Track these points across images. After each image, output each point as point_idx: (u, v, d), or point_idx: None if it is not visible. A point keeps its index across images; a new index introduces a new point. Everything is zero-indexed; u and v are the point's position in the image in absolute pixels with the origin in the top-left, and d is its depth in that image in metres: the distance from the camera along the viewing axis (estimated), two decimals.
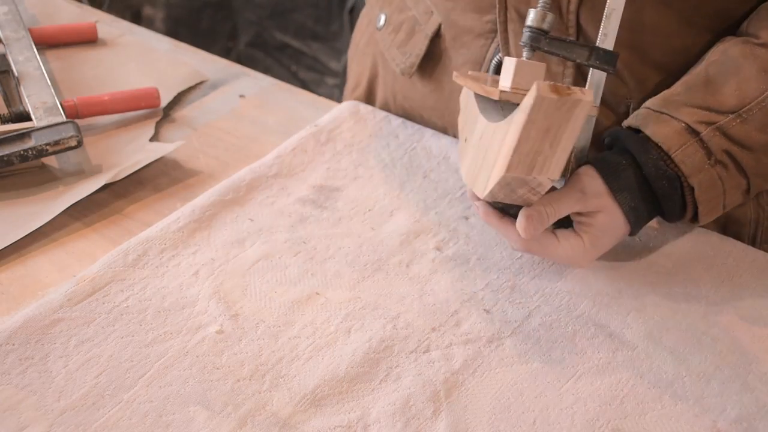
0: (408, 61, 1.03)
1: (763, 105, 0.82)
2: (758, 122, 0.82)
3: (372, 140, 1.04)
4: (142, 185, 0.99)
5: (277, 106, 1.12)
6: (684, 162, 0.81)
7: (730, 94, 0.82)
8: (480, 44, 0.97)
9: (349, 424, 0.74)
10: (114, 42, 1.22)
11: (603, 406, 0.75)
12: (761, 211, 0.94)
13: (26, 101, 1.04)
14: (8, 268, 0.88)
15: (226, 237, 0.91)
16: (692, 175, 0.81)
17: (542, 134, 0.71)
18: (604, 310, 0.84)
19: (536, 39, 0.79)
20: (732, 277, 0.87)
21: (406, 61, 1.04)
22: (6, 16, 1.18)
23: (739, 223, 0.94)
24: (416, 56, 1.02)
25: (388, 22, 1.07)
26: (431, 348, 0.80)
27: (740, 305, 0.84)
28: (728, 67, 0.83)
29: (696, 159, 0.81)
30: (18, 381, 0.76)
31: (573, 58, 0.80)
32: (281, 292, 0.85)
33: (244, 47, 2.41)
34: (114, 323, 0.81)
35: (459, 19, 0.98)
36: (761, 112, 0.82)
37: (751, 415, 0.75)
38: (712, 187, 0.82)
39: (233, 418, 0.74)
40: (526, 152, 0.72)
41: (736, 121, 0.81)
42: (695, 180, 0.81)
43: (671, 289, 0.86)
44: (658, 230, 0.91)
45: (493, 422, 0.74)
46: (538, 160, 0.73)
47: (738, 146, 0.82)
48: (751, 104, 0.82)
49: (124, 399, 0.75)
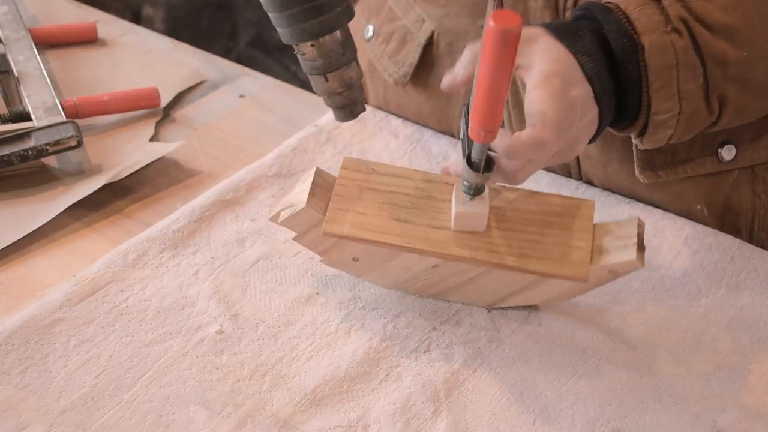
0: (401, 70, 1.03)
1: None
2: (722, 3, 0.80)
3: (372, 140, 1.04)
4: (142, 185, 0.99)
5: (277, 106, 1.12)
6: (639, 20, 0.79)
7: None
8: None
9: (349, 424, 0.74)
10: (114, 42, 1.22)
11: (603, 406, 0.75)
12: (758, 200, 0.94)
13: (26, 101, 1.04)
14: (8, 268, 0.88)
15: (226, 237, 0.91)
16: (645, 33, 0.79)
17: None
18: (604, 310, 0.84)
19: None
20: (732, 276, 0.87)
21: (399, 71, 1.03)
22: (6, 16, 1.18)
23: (736, 212, 0.94)
24: (409, 65, 1.02)
25: (377, 33, 1.06)
26: (431, 348, 0.80)
27: (740, 305, 0.84)
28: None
29: (652, 20, 0.79)
30: (18, 381, 0.76)
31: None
32: (281, 292, 0.85)
33: (244, 47, 2.41)
34: (114, 323, 0.81)
35: (453, 24, 0.97)
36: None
37: (751, 415, 0.75)
38: (664, 52, 0.79)
39: (233, 418, 0.74)
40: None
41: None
42: (647, 39, 0.78)
43: (671, 289, 0.86)
44: (657, 229, 0.91)
45: (493, 422, 0.74)
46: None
47: (698, 22, 0.80)
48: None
49: (123, 399, 0.75)
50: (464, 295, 0.82)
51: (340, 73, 0.75)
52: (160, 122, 1.09)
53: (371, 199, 0.79)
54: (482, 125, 0.70)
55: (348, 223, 0.77)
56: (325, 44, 0.73)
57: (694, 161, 0.91)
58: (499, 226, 0.77)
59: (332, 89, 0.76)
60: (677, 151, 0.91)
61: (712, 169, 0.92)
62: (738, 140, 0.91)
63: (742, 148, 0.91)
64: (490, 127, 0.70)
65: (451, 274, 0.79)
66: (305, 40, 0.73)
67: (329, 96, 0.77)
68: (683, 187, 0.93)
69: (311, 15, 0.71)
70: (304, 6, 0.71)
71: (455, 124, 1.02)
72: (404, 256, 0.78)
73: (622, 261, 0.74)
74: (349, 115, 0.78)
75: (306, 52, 0.74)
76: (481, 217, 0.76)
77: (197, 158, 1.03)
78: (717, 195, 0.93)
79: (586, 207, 0.79)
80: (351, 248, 0.79)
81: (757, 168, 0.93)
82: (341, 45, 0.74)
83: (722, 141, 0.91)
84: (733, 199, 0.93)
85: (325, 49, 0.73)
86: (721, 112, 0.83)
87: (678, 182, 0.92)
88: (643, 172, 0.91)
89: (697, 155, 0.91)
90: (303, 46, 0.74)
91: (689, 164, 0.92)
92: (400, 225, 0.77)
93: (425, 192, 0.79)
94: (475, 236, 0.77)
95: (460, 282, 0.80)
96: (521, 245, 0.76)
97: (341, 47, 0.74)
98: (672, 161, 0.91)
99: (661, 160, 0.91)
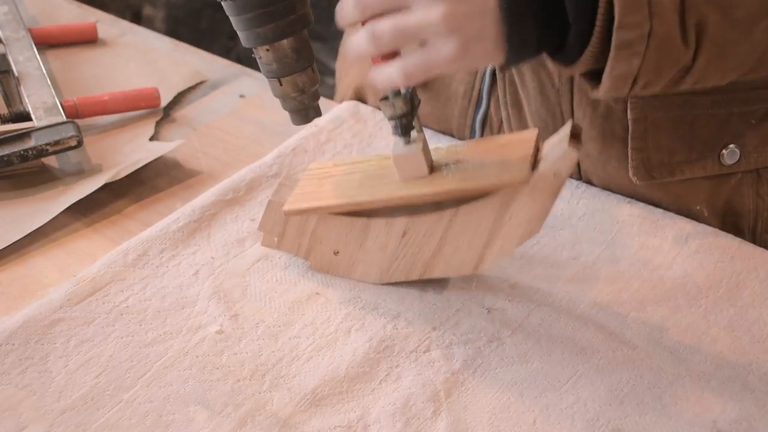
0: None
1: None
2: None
3: (372, 140, 1.04)
4: (142, 185, 0.99)
5: (277, 106, 1.11)
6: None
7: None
8: None
9: (349, 424, 0.74)
10: (114, 42, 1.22)
11: (603, 406, 0.75)
12: (761, 202, 0.93)
13: (26, 101, 1.04)
14: (8, 268, 0.88)
15: (226, 237, 0.91)
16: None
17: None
18: (604, 310, 0.84)
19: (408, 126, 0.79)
20: (732, 276, 0.87)
21: None
22: (6, 16, 1.18)
23: (738, 214, 0.93)
24: None
25: None
26: (431, 348, 0.80)
27: (740, 305, 0.84)
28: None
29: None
30: (18, 381, 0.76)
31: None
32: (281, 292, 0.85)
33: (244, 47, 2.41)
34: (114, 323, 0.81)
35: None
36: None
37: (751, 415, 0.75)
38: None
39: (233, 418, 0.74)
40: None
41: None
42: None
43: (671, 289, 0.85)
44: (657, 228, 0.91)
45: (493, 422, 0.74)
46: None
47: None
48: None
49: (124, 399, 0.75)
50: (447, 265, 0.82)
51: (293, 78, 0.79)
52: (160, 122, 1.09)
53: (329, 184, 0.84)
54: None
55: (305, 202, 0.83)
56: (279, 49, 0.77)
57: (694, 163, 0.91)
58: (446, 168, 0.80)
59: (286, 93, 0.80)
60: (676, 151, 0.90)
61: (713, 172, 0.91)
62: (744, 143, 0.90)
63: (747, 152, 0.90)
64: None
65: (421, 238, 0.80)
66: (260, 44, 0.77)
67: (284, 99, 0.81)
68: (682, 187, 0.92)
69: (266, 20, 0.76)
70: (259, 11, 0.75)
71: (454, 123, 1.02)
72: (374, 231, 0.81)
73: (558, 155, 0.74)
74: (304, 119, 0.82)
75: (262, 56, 0.79)
76: (417, 157, 0.79)
77: (197, 158, 1.03)
78: (718, 197, 0.93)
79: (528, 133, 0.80)
80: (324, 236, 0.83)
81: (763, 170, 0.92)
82: (295, 51, 0.78)
83: (725, 143, 0.90)
84: (735, 200, 0.93)
85: (279, 54, 0.78)
86: (699, 47, 0.73)
87: (677, 183, 0.92)
88: (637, 172, 0.90)
89: (697, 157, 0.91)
90: (259, 50, 0.78)
91: (687, 166, 0.91)
92: (353, 190, 0.82)
93: (381, 170, 0.83)
94: (421, 180, 0.79)
95: (433, 248, 0.81)
96: (464, 175, 0.79)
97: (295, 53, 0.78)
98: (669, 162, 0.90)
99: (657, 159, 0.90)
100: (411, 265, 0.83)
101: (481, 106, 0.99)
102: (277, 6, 0.75)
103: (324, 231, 0.83)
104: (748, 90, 0.89)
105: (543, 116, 0.94)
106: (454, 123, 1.02)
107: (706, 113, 0.89)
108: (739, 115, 0.90)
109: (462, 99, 1.00)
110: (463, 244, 0.80)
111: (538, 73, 0.92)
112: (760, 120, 0.90)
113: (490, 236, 0.79)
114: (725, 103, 0.89)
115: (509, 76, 0.94)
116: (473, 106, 1.00)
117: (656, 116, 0.89)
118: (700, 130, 0.90)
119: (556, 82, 0.91)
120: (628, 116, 0.89)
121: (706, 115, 0.89)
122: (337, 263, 0.84)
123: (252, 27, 0.76)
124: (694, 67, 0.74)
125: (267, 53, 0.78)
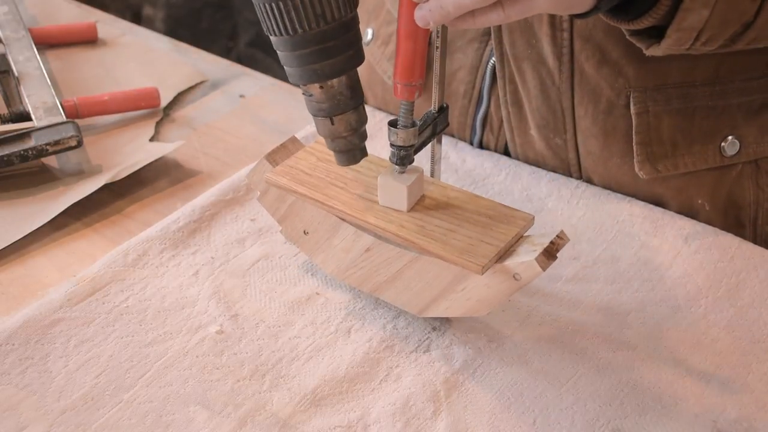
0: None
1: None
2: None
3: (371, 140, 1.03)
4: (142, 185, 0.99)
5: (277, 106, 1.12)
6: None
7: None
8: (475, 48, 0.97)
9: (349, 424, 0.74)
10: (114, 42, 1.22)
11: (603, 406, 0.75)
12: (761, 193, 0.93)
13: (26, 101, 1.04)
14: (8, 268, 0.88)
15: (226, 237, 0.91)
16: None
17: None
18: (604, 310, 0.84)
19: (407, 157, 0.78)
20: (732, 276, 0.87)
21: None
22: (6, 16, 1.18)
23: (739, 206, 0.94)
24: None
25: (376, 35, 1.06)
26: (431, 348, 0.80)
27: (740, 305, 0.84)
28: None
29: None
30: (18, 381, 0.76)
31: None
32: (281, 292, 0.85)
33: (244, 47, 2.41)
34: (114, 323, 0.82)
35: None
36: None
37: (751, 415, 0.75)
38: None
39: (233, 418, 0.74)
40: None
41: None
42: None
43: (671, 289, 0.86)
44: (657, 228, 0.91)
45: (493, 422, 0.74)
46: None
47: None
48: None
49: (124, 399, 0.75)
50: (396, 295, 0.81)
51: (346, 117, 0.74)
52: (160, 122, 1.09)
53: (322, 168, 0.83)
54: (399, 77, 0.73)
55: (288, 177, 0.82)
56: (333, 87, 0.73)
57: (696, 155, 0.91)
58: (425, 213, 0.78)
59: (337, 132, 0.75)
60: (678, 144, 0.90)
61: (714, 164, 0.92)
62: (743, 134, 0.91)
63: (747, 143, 0.91)
64: (407, 80, 0.72)
65: (381, 262, 0.80)
66: (314, 81, 0.72)
67: (333, 139, 0.76)
68: (684, 181, 0.93)
69: (322, 57, 0.70)
70: (315, 48, 0.70)
71: (455, 123, 1.02)
72: (342, 232, 0.81)
73: (523, 262, 0.72)
74: (351, 160, 0.77)
75: (314, 94, 0.73)
76: (400, 191, 0.77)
77: (197, 158, 1.04)
78: (719, 190, 0.93)
79: (520, 218, 0.77)
80: (299, 213, 0.83)
81: (761, 161, 0.93)
82: (349, 89, 0.73)
83: (725, 135, 0.91)
84: (736, 193, 0.93)
85: (333, 92, 0.73)
86: (764, 1, 0.74)
87: (679, 177, 0.92)
88: (643, 166, 0.91)
89: (698, 149, 0.91)
90: (311, 88, 0.73)
91: (690, 158, 0.91)
92: (334, 189, 0.81)
93: (374, 171, 0.82)
94: (396, 213, 0.78)
95: (390, 275, 0.80)
96: (434, 230, 0.77)
97: (350, 91, 0.73)
98: (672, 155, 0.91)
99: (661, 152, 0.90)
100: (365, 279, 0.82)
101: (482, 105, 0.99)
102: (336, 42, 0.70)
103: (300, 209, 0.83)
104: (746, 81, 0.90)
105: (544, 114, 0.94)
106: (455, 122, 1.02)
107: (706, 105, 0.90)
108: (738, 106, 0.91)
109: (462, 98, 1.00)
110: (414, 287, 0.79)
111: (538, 71, 0.92)
112: (757, 111, 0.91)
113: (440, 294, 0.78)
114: (723, 94, 0.90)
115: (509, 74, 0.94)
116: (474, 105, 1.00)
117: (657, 109, 0.89)
118: (700, 122, 0.90)
119: (557, 79, 0.91)
120: (632, 110, 0.90)
121: (706, 107, 0.90)
122: (305, 242, 0.84)
123: (307, 64, 0.71)
124: (755, 23, 0.76)
125: (320, 91, 0.73)
